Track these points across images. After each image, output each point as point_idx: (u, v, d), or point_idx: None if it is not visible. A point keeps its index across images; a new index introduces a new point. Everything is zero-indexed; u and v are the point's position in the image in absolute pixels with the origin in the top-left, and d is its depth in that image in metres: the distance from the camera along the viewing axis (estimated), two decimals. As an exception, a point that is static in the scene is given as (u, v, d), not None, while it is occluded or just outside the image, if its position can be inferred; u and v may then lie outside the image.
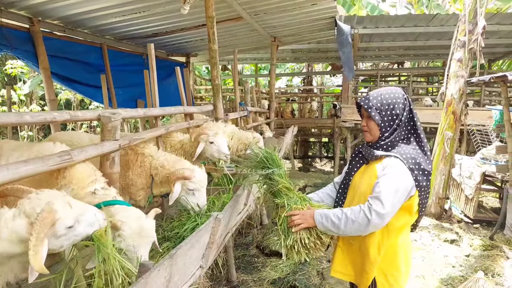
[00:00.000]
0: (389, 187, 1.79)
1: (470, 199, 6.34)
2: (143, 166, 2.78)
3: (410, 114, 1.95)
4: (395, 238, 1.95)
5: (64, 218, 1.47)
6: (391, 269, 1.95)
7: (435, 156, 6.56)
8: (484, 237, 5.55)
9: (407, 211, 1.91)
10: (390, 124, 1.93)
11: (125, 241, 1.86)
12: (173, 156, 2.84)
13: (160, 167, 2.73)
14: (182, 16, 6.08)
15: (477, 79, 5.87)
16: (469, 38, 6.12)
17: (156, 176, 2.76)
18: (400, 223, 1.93)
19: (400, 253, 1.96)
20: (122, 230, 1.85)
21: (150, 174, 2.79)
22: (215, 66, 4.51)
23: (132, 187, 2.84)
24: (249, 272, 4.99)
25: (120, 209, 1.99)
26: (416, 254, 5.12)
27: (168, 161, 2.75)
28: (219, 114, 4.58)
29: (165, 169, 2.70)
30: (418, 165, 1.85)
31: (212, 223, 2.20)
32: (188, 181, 2.56)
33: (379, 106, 1.93)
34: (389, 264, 1.95)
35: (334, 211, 1.92)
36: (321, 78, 18.44)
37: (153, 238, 1.97)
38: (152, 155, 2.78)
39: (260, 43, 9.18)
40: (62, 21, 5.82)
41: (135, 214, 1.96)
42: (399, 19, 8.47)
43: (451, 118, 6.38)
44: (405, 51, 11.77)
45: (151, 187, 2.82)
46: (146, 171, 2.80)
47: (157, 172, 2.75)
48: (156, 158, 2.77)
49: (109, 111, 2.36)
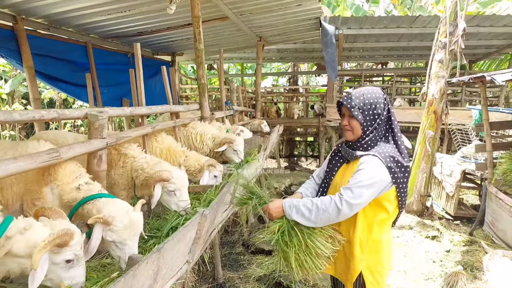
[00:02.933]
0: (363, 180, 1.86)
1: (451, 196, 6.51)
2: (125, 167, 2.80)
3: (388, 114, 2.03)
4: (378, 234, 2.01)
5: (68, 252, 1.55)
6: (376, 266, 2.01)
7: (417, 154, 6.71)
8: (464, 233, 5.71)
9: (386, 206, 1.97)
10: (371, 123, 1.99)
11: (117, 234, 1.91)
12: (154, 159, 2.84)
13: (140, 170, 2.73)
14: (167, 15, 6.06)
15: (457, 80, 6.02)
16: (450, 39, 6.28)
17: (136, 178, 2.78)
18: (380, 218, 1.99)
19: (384, 249, 2.03)
20: (114, 225, 1.90)
21: (132, 176, 2.81)
22: (201, 66, 4.54)
23: (114, 186, 2.86)
24: (235, 269, 5.03)
25: (107, 203, 2.03)
26: (398, 250, 5.24)
27: (148, 163, 2.74)
28: (205, 113, 4.61)
29: (145, 172, 2.70)
30: (396, 162, 1.92)
31: (199, 218, 2.25)
32: (167, 183, 2.57)
33: (361, 105, 1.98)
34: (375, 261, 2.01)
35: (304, 201, 1.95)
36: (306, 78, 18.58)
37: (141, 228, 2.05)
38: (135, 156, 2.79)
39: (246, 43, 9.23)
40: (47, 19, 5.76)
41: (123, 208, 2.01)
42: (382, 20, 8.63)
43: (432, 117, 6.54)
44: (388, 51, 11.99)
45: (133, 189, 2.84)
46: (127, 173, 2.82)
47: (137, 175, 2.76)
48: (137, 160, 2.77)
49: (96, 110, 2.38)
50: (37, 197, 2.11)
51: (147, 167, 2.72)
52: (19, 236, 1.45)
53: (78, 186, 2.12)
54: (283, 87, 16.79)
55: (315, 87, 16.55)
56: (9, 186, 2.09)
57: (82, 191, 2.10)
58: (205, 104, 4.59)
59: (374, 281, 2.01)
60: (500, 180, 5.38)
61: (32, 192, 2.11)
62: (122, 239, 1.91)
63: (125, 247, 1.93)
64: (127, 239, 1.93)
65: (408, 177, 1.98)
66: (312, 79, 19.04)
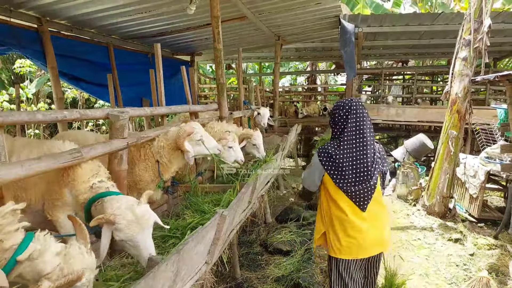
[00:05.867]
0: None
1: (475, 198, 6.33)
2: (148, 158, 2.83)
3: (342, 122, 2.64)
4: (329, 207, 2.68)
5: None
6: (330, 230, 2.69)
7: (440, 155, 6.56)
8: (488, 236, 5.55)
9: (328, 185, 2.63)
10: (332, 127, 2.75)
11: (123, 232, 1.84)
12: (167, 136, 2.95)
13: (161, 148, 2.85)
14: (187, 16, 6.13)
15: (481, 78, 5.85)
16: (474, 37, 6.10)
17: (161, 158, 2.84)
18: (327, 195, 2.68)
19: (336, 222, 2.63)
20: (118, 223, 1.83)
21: (156, 160, 2.85)
22: (220, 65, 4.54)
23: (140, 182, 2.88)
24: (253, 269, 5.01)
25: (111, 201, 1.95)
26: (419, 253, 5.14)
27: (166, 137, 2.90)
28: (223, 112, 4.61)
29: (166, 145, 2.85)
30: (329, 156, 2.60)
31: (218, 219, 2.25)
32: (193, 134, 2.83)
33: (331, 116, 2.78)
34: (329, 226, 2.69)
35: None
36: (325, 77, 18.41)
37: (151, 222, 1.95)
38: (152, 144, 2.89)
39: (264, 42, 9.20)
40: (70, 21, 5.90)
41: (126, 204, 1.92)
42: (403, 17, 8.46)
43: (456, 117, 6.37)
44: (409, 49, 11.74)
45: (159, 173, 2.87)
46: (151, 162, 2.85)
47: (160, 153, 2.84)
48: (155, 145, 2.88)
49: (118, 110, 2.40)
50: (57, 197, 2.11)
51: (165, 142, 2.87)
52: (28, 262, 1.39)
53: (92, 185, 2.07)
54: (301, 86, 16.69)
55: (334, 86, 16.37)
56: (33, 185, 2.10)
57: (93, 190, 2.06)
58: (224, 104, 4.59)
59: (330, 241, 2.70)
60: (527, 181, 5.21)
61: (53, 193, 2.11)
62: (131, 236, 1.84)
63: (138, 244, 1.86)
64: (136, 236, 1.85)
65: (339, 167, 2.56)
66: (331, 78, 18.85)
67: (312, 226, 6.05)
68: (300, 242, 5.59)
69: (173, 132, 2.88)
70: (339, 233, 2.60)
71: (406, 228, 6.08)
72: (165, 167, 2.88)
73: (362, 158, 2.55)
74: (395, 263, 4.79)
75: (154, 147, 2.85)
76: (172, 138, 2.84)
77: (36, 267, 1.39)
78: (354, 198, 2.55)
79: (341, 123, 2.63)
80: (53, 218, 2.15)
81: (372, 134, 2.64)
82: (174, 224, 2.91)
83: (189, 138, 2.81)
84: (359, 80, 13.41)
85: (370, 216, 2.58)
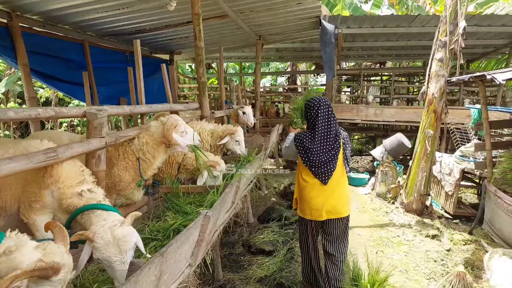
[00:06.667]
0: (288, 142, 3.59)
1: (450, 195, 6.49)
2: (127, 156, 2.74)
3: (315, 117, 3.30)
4: (299, 178, 3.49)
5: None
6: (299, 195, 3.50)
7: (417, 153, 6.69)
8: (464, 232, 5.70)
9: (299, 163, 3.48)
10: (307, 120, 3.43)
11: (100, 252, 1.78)
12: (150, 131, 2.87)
13: (144, 145, 2.78)
14: (166, 13, 6.01)
15: (457, 79, 5.99)
16: (450, 38, 6.25)
17: (144, 154, 2.76)
18: (299, 170, 3.52)
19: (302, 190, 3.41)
20: (95, 242, 1.77)
21: (136, 158, 2.77)
22: (201, 64, 4.48)
23: (120, 183, 2.79)
24: (235, 270, 4.96)
25: (99, 217, 1.91)
26: (399, 250, 5.22)
27: (150, 134, 2.82)
28: (205, 112, 4.55)
29: (150, 140, 2.78)
30: (301, 142, 3.32)
31: (202, 220, 2.19)
32: (178, 126, 2.80)
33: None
34: (299, 193, 3.51)
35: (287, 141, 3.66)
36: (305, 77, 18.52)
37: (131, 245, 1.85)
38: (131, 142, 2.81)
39: (246, 42, 9.16)
40: (42, 16, 5.66)
41: (110, 223, 1.86)
42: (382, 19, 8.60)
43: (432, 116, 6.51)
44: (387, 51, 11.97)
45: (139, 172, 2.79)
46: (132, 160, 2.77)
47: (143, 149, 2.77)
48: (136, 142, 2.80)
49: (96, 108, 2.31)
50: (35, 199, 2.00)
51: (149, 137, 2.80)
52: (3, 257, 1.31)
53: (81, 193, 2.00)
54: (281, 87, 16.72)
55: (314, 87, 16.48)
56: (8, 187, 1.99)
57: (83, 198, 1.99)
58: (205, 103, 4.53)
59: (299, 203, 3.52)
60: (500, 179, 5.37)
61: (30, 194, 2.01)
62: (107, 257, 1.77)
63: (114, 266, 1.78)
64: (112, 258, 1.77)
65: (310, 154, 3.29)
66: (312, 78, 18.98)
67: (293, 225, 6.06)
68: (283, 241, 5.58)
69: (156, 127, 2.81)
70: (303, 198, 3.42)
71: (386, 225, 6.17)
72: (148, 164, 2.80)
73: (328, 147, 3.28)
74: (376, 260, 4.86)
75: (135, 145, 2.76)
76: (157, 132, 2.78)
77: (13, 262, 1.31)
78: (318, 175, 3.31)
79: (313, 118, 3.32)
80: (28, 221, 2.04)
81: (336, 125, 3.36)
82: (155, 226, 2.84)
83: (175, 130, 2.80)
84: (338, 81, 13.56)
85: (329, 189, 3.32)
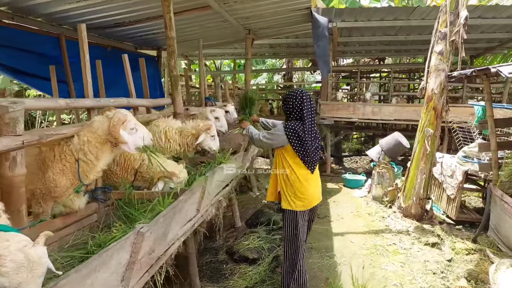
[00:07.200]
0: (272, 131, 3.52)
1: (452, 199, 6.05)
2: (65, 158, 2.31)
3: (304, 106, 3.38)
4: (288, 172, 3.44)
5: None
6: (288, 190, 3.46)
7: (415, 154, 6.24)
8: (467, 240, 5.24)
9: (288, 154, 3.42)
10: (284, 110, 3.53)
11: (8, 279, 1.40)
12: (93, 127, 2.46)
13: (85, 143, 2.37)
14: (146, 3, 5.60)
15: (458, 73, 5.54)
16: (451, 29, 5.80)
17: (85, 155, 2.34)
18: (285, 163, 3.44)
19: (293, 183, 3.43)
20: (2, 266, 1.39)
21: (75, 160, 2.35)
22: (173, 55, 4.07)
23: (56, 189, 2.35)
24: (215, 280, 4.59)
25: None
26: (394, 259, 4.78)
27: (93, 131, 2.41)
28: (178, 108, 4.12)
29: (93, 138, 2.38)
30: (294, 131, 3.31)
31: (133, 238, 1.76)
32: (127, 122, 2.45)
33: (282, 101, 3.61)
34: (286, 186, 3.47)
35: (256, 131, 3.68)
36: (301, 75, 18.07)
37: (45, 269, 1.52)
38: (69, 141, 2.38)
39: (235, 37, 8.70)
40: (10, 7, 5.25)
41: (18, 243, 1.50)
42: (378, 11, 8.16)
43: (432, 114, 6.07)
44: (386, 46, 11.50)
45: (78, 176, 2.36)
46: (70, 162, 2.34)
47: (84, 149, 2.35)
48: (76, 141, 2.37)
49: (8, 100, 1.88)
50: None
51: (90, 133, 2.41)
52: None
53: None
54: (276, 84, 16.26)
55: (310, 84, 16.00)
56: None
57: None
58: (178, 99, 4.09)
59: (288, 199, 3.48)
60: (506, 182, 4.92)
61: None
62: (17, 285, 1.42)
63: None
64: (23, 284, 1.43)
65: (304, 143, 3.34)
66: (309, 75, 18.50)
67: (281, 230, 5.65)
68: (268, 248, 5.21)
69: (100, 122, 2.39)
70: (296, 191, 3.42)
71: (381, 231, 5.73)
72: (90, 166, 2.37)
73: (314, 135, 3.45)
74: (368, 272, 4.42)
75: (74, 144, 2.33)
76: (102, 128, 2.37)
77: None
78: (308, 164, 3.41)
79: (299, 109, 3.37)
80: None
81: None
82: (101, 238, 2.42)
83: (123, 127, 2.40)
84: (336, 78, 13.11)
85: (314, 177, 3.55)
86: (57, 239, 2.37)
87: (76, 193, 2.34)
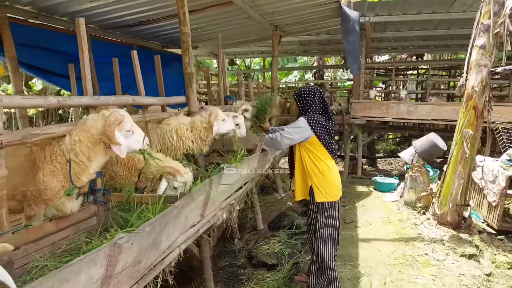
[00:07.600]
0: (293, 125, 3.60)
1: (494, 206, 5.51)
2: (55, 158, 2.20)
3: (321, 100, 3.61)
4: (317, 164, 3.50)
5: None
6: (321, 183, 3.51)
7: (453, 157, 5.75)
8: (509, 252, 4.75)
9: (313, 146, 3.51)
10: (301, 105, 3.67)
11: None
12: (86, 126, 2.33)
13: (76, 143, 2.24)
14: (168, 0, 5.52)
15: (503, 69, 5.06)
16: (495, 21, 5.30)
17: (77, 155, 2.21)
18: (315, 154, 3.51)
19: (324, 174, 3.50)
20: None
21: (67, 160, 2.23)
22: (186, 52, 3.93)
23: (47, 191, 2.24)
24: (231, 285, 4.49)
25: None
26: (425, 272, 4.38)
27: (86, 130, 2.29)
28: (192, 107, 3.98)
29: (85, 138, 2.25)
30: (319, 123, 3.48)
31: (109, 250, 1.59)
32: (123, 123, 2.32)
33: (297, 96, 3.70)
34: (317, 179, 3.51)
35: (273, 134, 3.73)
36: (333, 72, 17.54)
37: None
38: (61, 141, 2.26)
39: (261, 34, 8.47)
40: (34, 7, 5.33)
41: None
42: (415, 4, 7.66)
43: (472, 114, 5.56)
44: (423, 41, 10.84)
45: (70, 178, 2.24)
46: (61, 163, 2.22)
47: (75, 149, 2.22)
48: (67, 141, 2.25)
49: (-11, 97, 1.78)
50: None
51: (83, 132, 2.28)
52: None
53: None
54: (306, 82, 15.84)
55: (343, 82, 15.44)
56: None
57: None
58: (193, 97, 3.95)
59: (319, 191, 3.52)
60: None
61: None
62: None
63: None
64: None
65: (328, 132, 3.54)
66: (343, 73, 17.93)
67: (304, 235, 5.40)
68: (289, 254, 5.01)
69: (94, 121, 2.25)
70: (329, 182, 3.50)
71: (412, 240, 5.31)
72: (82, 168, 2.24)
73: (332, 125, 3.61)
74: (393, 284, 4.07)
75: (65, 144, 2.21)
76: (95, 127, 2.23)
77: None
78: (332, 153, 3.56)
79: (319, 102, 3.58)
80: None
81: None
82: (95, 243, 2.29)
83: (119, 128, 2.26)
84: (370, 75, 12.57)
85: (335, 166, 3.67)
86: (49, 244, 2.26)
87: (67, 195, 2.22)
